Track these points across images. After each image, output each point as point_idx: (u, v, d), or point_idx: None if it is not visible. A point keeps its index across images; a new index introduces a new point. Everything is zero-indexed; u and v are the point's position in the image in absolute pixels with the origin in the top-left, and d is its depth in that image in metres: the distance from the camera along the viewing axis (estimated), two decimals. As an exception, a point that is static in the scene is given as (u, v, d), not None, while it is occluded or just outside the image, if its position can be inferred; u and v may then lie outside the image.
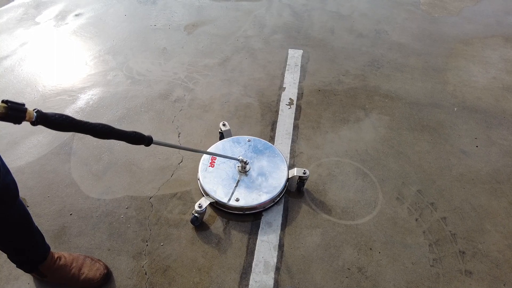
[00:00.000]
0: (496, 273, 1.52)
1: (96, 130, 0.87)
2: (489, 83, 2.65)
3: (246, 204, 1.65)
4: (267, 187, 1.72)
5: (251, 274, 1.48)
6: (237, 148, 1.90)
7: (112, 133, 0.93)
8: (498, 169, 1.98)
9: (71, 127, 0.80)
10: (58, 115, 0.77)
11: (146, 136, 1.08)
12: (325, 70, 2.70)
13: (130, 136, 1.01)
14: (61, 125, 0.78)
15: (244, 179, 1.76)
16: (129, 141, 1.02)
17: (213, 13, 3.47)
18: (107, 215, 1.68)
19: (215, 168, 1.80)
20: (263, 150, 1.90)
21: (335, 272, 1.50)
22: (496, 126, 2.26)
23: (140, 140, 1.05)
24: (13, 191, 1.11)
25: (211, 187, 1.71)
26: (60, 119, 0.77)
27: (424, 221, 1.71)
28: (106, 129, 0.90)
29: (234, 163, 1.82)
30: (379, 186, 1.85)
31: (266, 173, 1.78)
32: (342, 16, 3.50)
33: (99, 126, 0.87)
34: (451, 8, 3.73)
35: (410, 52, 2.97)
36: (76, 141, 2.04)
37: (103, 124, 0.88)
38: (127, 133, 1.00)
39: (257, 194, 1.68)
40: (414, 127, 2.22)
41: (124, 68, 2.66)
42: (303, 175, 1.72)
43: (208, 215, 1.69)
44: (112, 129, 0.93)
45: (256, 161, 1.84)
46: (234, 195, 1.68)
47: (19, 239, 1.23)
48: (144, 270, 1.48)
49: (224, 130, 1.95)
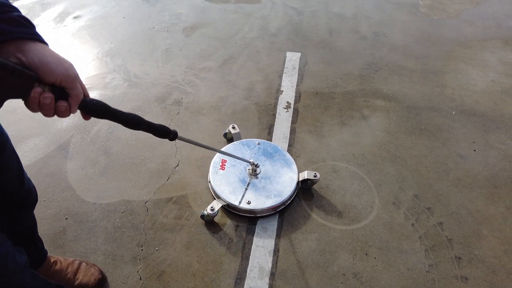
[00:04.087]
0: (492, 279, 1.51)
1: (128, 120, 0.87)
2: (488, 86, 2.64)
3: (257, 207, 1.65)
4: (278, 189, 1.72)
5: (245, 279, 1.47)
6: (246, 151, 1.91)
7: (142, 124, 0.93)
8: (496, 174, 1.98)
9: (106, 114, 0.81)
10: (95, 101, 0.78)
11: (172, 131, 1.10)
12: (323, 73, 2.70)
13: (157, 129, 1.03)
14: (98, 111, 0.78)
15: (255, 182, 1.76)
16: (156, 133, 1.03)
17: (211, 16, 3.47)
18: (103, 219, 1.68)
19: (225, 171, 1.80)
20: (272, 153, 1.90)
21: (330, 278, 1.49)
22: (494, 130, 2.26)
23: (166, 134, 1.07)
24: (34, 196, 1.15)
25: (222, 189, 1.71)
26: (97, 105, 0.78)
27: (420, 226, 1.70)
28: (137, 120, 0.90)
29: (245, 166, 1.82)
30: (375, 190, 1.85)
31: (276, 176, 1.79)
32: (340, 18, 3.50)
33: (130, 116, 0.88)
34: (450, 10, 3.72)
35: (408, 55, 2.96)
36: (73, 145, 2.04)
37: (134, 115, 0.89)
38: (155, 125, 1.01)
39: (268, 197, 1.69)
40: (411, 131, 2.22)
41: (122, 70, 2.66)
42: (314, 178, 1.73)
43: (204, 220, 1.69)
44: (143, 121, 0.93)
45: (266, 164, 1.84)
46: (245, 198, 1.68)
47: (24, 243, 1.24)
48: (138, 275, 1.48)
49: (233, 133, 1.97)
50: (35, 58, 0.65)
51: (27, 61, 0.64)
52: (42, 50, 0.67)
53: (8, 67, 0.59)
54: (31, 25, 0.69)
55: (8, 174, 1.01)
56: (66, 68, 0.69)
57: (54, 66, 0.67)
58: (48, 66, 0.66)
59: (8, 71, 0.59)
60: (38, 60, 0.65)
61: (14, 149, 1.02)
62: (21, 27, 0.66)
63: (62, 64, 0.68)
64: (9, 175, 1.01)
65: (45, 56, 0.66)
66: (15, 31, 0.64)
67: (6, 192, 1.03)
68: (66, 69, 0.69)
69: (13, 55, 0.64)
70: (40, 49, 0.67)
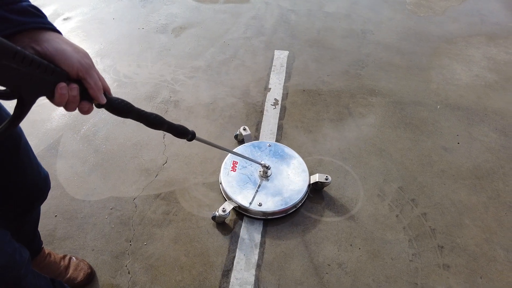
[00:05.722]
0: (473, 266, 1.55)
1: (150, 120, 0.89)
2: (472, 81, 2.69)
3: (268, 209, 1.66)
4: (289, 192, 1.73)
5: (232, 271, 1.50)
6: (257, 152, 1.92)
7: (163, 124, 0.96)
8: (478, 165, 2.02)
9: (129, 113, 0.82)
10: (120, 100, 0.78)
11: (190, 131, 1.13)
12: (310, 71, 2.74)
13: (177, 129, 1.05)
14: (122, 110, 0.79)
15: (266, 184, 1.77)
16: (175, 133, 1.06)
17: (201, 16, 3.50)
18: (92, 216, 1.70)
19: (236, 172, 1.82)
20: (283, 155, 1.91)
21: (315, 268, 1.52)
22: (477, 123, 2.30)
23: (185, 134, 1.10)
24: (49, 185, 1.18)
25: (234, 191, 1.72)
26: (122, 104, 0.79)
27: (404, 217, 1.74)
28: (158, 120, 0.92)
29: (256, 167, 1.83)
30: (360, 183, 1.88)
31: (287, 178, 1.80)
32: (328, 16, 3.54)
33: (152, 116, 0.90)
34: (437, 7, 3.78)
35: (395, 52, 3.01)
36: (62, 144, 2.06)
37: (156, 114, 0.91)
38: (175, 125, 1.04)
39: (279, 199, 1.70)
40: (397, 125, 2.26)
41: (111, 71, 2.68)
42: (325, 181, 1.74)
43: (192, 214, 1.72)
44: (164, 121, 0.95)
45: (277, 166, 1.85)
46: (256, 200, 1.69)
47: (28, 237, 1.28)
48: (127, 270, 1.50)
49: (245, 134, 1.99)
50: (50, 47, 0.63)
51: (42, 51, 0.63)
52: (56, 39, 0.66)
53: (42, 65, 0.58)
54: (42, 15, 0.67)
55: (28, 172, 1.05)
56: (81, 56, 0.67)
57: (69, 54, 0.65)
58: (64, 54, 0.64)
59: (42, 69, 0.58)
60: (53, 49, 0.64)
61: (27, 141, 1.05)
62: (34, 17, 0.65)
63: (77, 53, 0.67)
64: (28, 172, 1.06)
65: (60, 45, 0.65)
66: (28, 22, 0.63)
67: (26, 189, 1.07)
68: (82, 57, 0.67)
69: (29, 45, 0.63)
70: (55, 38, 0.66)
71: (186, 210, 1.72)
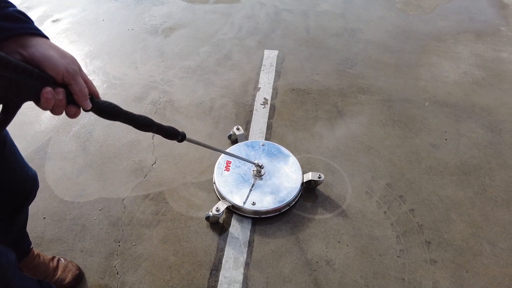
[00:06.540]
0: (459, 261, 1.57)
1: (139, 122, 0.89)
2: (460, 77, 2.72)
3: (262, 208, 1.67)
4: (282, 191, 1.74)
5: (221, 270, 1.51)
6: (251, 152, 1.93)
7: (152, 126, 0.95)
8: (466, 161, 2.04)
9: (117, 116, 0.82)
10: (108, 103, 0.78)
11: (180, 132, 1.12)
12: (300, 70, 2.75)
13: (167, 130, 1.05)
14: (110, 113, 0.79)
15: (259, 183, 1.78)
16: (165, 134, 1.06)
17: (190, 16, 3.50)
18: (81, 218, 1.70)
19: (230, 172, 1.82)
20: (277, 154, 1.92)
21: (303, 266, 1.53)
22: (465, 119, 2.33)
23: (174, 135, 1.09)
24: (37, 182, 1.17)
25: (227, 190, 1.73)
26: (109, 108, 0.78)
27: (392, 213, 1.76)
28: (147, 121, 0.92)
29: (249, 167, 1.84)
30: (348, 180, 1.90)
31: (281, 177, 1.81)
32: (318, 16, 3.56)
33: (141, 118, 0.89)
34: (426, 6, 3.81)
35: (384, 50, 3.03)
36: (51, 146, 2.05)
37: (145, 116, 0.91)
38: (165, 127, 1.03)
39: (273, 198, 1.70)
40: (385, 122, 2.27)
41: (101, 72, 2.67)
42: (318, 179, 1.75)
43: (181, 214, 1.72)
44: (153, 122, 0.95)
45: (270, 165, 1.86)
46: (249, 199, 1.70)
47: (16, 237, 1.28)
48: (116, 270, 1.50)
49: (238, 134, 1.99)
50: (36, 53, 0.63)
51: (29, 56, 0.63)
52: (44, 44, 0.65)
53: (26, 70, 0.58)
54: (29, 20, 0.67)
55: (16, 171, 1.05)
56: (67, 62, 0.67)
57: (55, 59, 0.65)
58: (50, 59, 0.64)
59: (26, 74, 0.58)
60: (40, 54, 0.63)
61: (12, 141, 1.04)
62: (20, 22, 0.65)
63: (64, 58, 0.67)
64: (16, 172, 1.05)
65: (47, 50, 0.65)
66: (15, 28, 0.63)
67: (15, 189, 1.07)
68: (68, 63, 0.67)
69: (15, 51, 0.63)
70: (42, 43, 0.65)
71: (175, 210, 1.72)
